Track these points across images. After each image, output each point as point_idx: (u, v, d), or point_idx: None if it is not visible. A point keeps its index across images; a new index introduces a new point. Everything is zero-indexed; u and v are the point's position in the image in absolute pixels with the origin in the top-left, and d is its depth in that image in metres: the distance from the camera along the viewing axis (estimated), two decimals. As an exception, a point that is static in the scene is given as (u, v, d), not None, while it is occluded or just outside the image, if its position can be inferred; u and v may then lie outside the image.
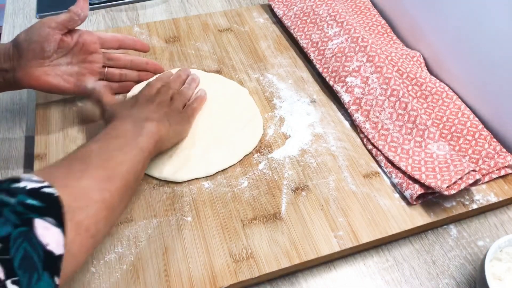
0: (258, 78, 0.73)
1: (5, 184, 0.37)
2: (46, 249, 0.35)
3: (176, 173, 0.59)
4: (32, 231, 0.35)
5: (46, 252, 0.35)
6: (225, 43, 0.79)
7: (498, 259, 0.49)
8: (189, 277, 0.50)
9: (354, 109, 0.67)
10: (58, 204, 0.38)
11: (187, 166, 0.59)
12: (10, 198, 0.35)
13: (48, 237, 0.35)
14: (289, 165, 0.61)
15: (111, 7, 0.89)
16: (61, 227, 0.37)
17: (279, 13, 0.82)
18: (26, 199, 0.36)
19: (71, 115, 0.66)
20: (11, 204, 0.35)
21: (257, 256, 0.52)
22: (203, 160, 0.60)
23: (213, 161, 0.60)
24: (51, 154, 0.61)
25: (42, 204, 0.36)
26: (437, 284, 0.52)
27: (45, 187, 0.38)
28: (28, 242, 0.34)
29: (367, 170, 0.61)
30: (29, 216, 0.35)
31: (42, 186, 0.38)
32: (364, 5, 0.84)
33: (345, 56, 0.71)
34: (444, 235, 0.57)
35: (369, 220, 0.55)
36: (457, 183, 0.55)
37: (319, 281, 0.52)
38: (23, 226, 0.34)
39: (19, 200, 0.36)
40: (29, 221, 0.35)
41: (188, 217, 0.55)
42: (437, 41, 0.72)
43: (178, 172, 0.59)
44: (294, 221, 0.55)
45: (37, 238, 0.35)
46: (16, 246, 0.33)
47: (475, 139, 0.63)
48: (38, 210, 0.36)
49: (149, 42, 0.78)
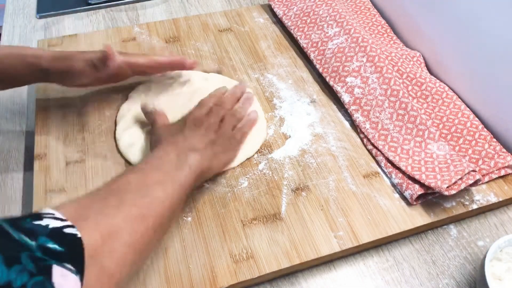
0: (258, 78, 0.73)
1: (26, 221, 0.36)
2: None
3: None
4: (49, 281, 0.33)
5: None
6: (225, 43, 0.79)
7: (498, 259, 0.49)
8: (189, 277, 0.50)
9: (354, 109, 0.67)
10: (80, 248, 0.36)
11: None
12: (30, 240, 0.34)
13: (65, 286, 0.34)
14: (289, 165, 0.61)
15: (111, 7, 0.89)
16: (79, 275, 0.35)
17: (279, 13, 0.82)
18: (47, 243, 0.35)
19: (71, 115, 0.66)
20: (31, 248, 0.34)
21: (257, 256, 0.52)
22: None
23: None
24: (51, 154, 0.61)
25: (63, 248, 0.35)
26: (437, 284, 0.52)
27: (67, 226, 0.37)
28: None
29: (367, 170, 0.61)
30: (47, 263, 0.34)
31: (65, 226, 0.37)
32: (364, 5, 0.84)
33: (345, 56, 0.71)
34: (444, 235, 0.57)
35: (369, 220, 0.55)
36: (457, 183, 0.55)
37: (319, 281, 0.52)
38: (40, 275, 0.33)
39: (39, 243, 0.34)
40: (47, 269, 0.34)
41: (188, 217, 0.55)
42: (437, 41, 0.72)
43: None
44: (294, 221, 0.55)
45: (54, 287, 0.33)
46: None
47: (475, 139, 0.63)
48: (58, 255, 0.35)
49: (149, 42, 0.78)
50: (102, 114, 0.66)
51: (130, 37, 0.79)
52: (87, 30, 0.83)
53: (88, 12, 0.87)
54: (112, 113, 0.67)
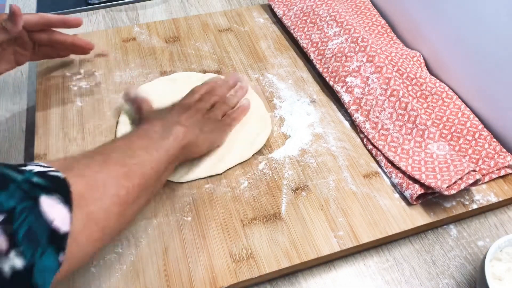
0: (258, 78, 0.73)
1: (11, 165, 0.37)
2: (51, 226, 0.35)
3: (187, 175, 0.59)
4: (38, 207, 0.34)
5: (51, 229, 0.35)
6: (225, 43, 0.79)
7: (498, 259, 0.49)
8: (189, 277, 0.50)
9: (354, 109, 0.67)
10: (66, 185, 0.37)
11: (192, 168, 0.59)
12: (17, 174, 0.35)
13: (53, 213, 0.35)
14: (289, 165, 0.61)
15: (111, 7, 0.89)
16: (67, 205, 0.36)
17: (279, 13, 0.82)
18: (32, 177, 0.36)
19: (71, 115, 0.66)
20: (17, 180, 0.35)
21: (257, 256, 0.52)
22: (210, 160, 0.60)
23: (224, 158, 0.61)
24: (51, 154, 0.61)
25: (48, 183, 0.36)
26: (437, 284, 0.52)
27: (52, 171, 0.38)
28: (33, 217, 0.34)
29: (367, 170, 0.61)
30: (35, 193, 0.35)
31: (49, 170, 0.38)
32: (364, 5, 0.84)
33: (345, 56, 0.71)
34: (444, 235, 0.57)
35: (369, 220, 0.55)
36: (457, 183, 0.55)
37: (319, 281, 0.52)
38: (28, 201, 0.34)
39: (26, 177, 0.35)
40: (35, 197, 0.35)
41: (188, 217, 0.55)
42: (437, 41, 0.72)
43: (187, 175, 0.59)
44: (294, 221, 0.55)
45: (42, 214, 0.34)
46: (21, 220, 0.33)
47: (475, 139, 0.63)
48: (45, 188, 0.36)
49: (149, 42, 0.78)
50: (102, 114, 0.66)
51: (130, 37, 0.79)
52: (87, 30, 0.83)
53: (88, 12, 0.87)
54: (112, 113, 0.67)
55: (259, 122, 0.65)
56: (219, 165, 0.60)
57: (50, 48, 0.68)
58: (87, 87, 0.70)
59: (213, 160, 0.60)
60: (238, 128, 0.64)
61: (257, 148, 0.62)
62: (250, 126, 0.65)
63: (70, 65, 0.73)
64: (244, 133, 0.64)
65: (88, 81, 0.71)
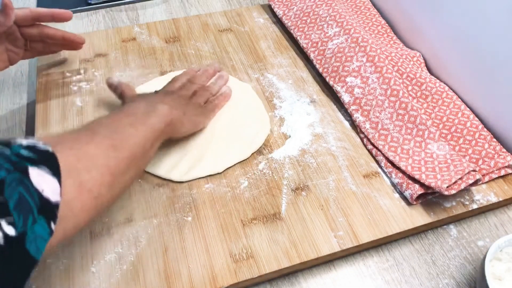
0: (258, 78, 0.73)
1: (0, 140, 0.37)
2: (41, 195, 0.35)
3: (186, 174, 0.59)
4: (27, 178, 0.34)
5: (42, 198, 0.35)
6: (225, 43, 0.79)
7: (498, 259, 0.49)
8: (189, 277, 0.50)
9: (354, 109, 0.67)
10: (54, 158, 0.38)
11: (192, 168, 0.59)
12: (5, 148, 0.35)
13: (43, 184, 0.35)
14: (289, 165, 0.61)
15: (111, 7, 0.89)
16: (56, 176, 0.37)
17: (279, 13, 0.82)
18: (20, 150, 0.36)
19: (71, 115, 0.66)
20: (5, 154, 0.35)
21: (257, 256, 0.52)
22: (210, 159, 0.60)
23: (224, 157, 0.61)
24: (51, 154, 0.61)
25: (37, 156, 0.36)
26: (437, 284, 0.52)
27: (40, 145, 0.38)
28: (23, 187, 0.34)
29: (367, 170, 0.61)
30: (23, 164, 0.35)
31: (37, 144, 0.38)
32: (364, 5, 0.84)
33: (345, 56, 0.71)
34: (444, 235, 0.57)
35: (369, 220, 0.55)
36: (457, 183, 0.55)
37: (319, 281, 0.52)
38: (17, 172, 0.34)
39: (14, 150, 0.36)
40: (24, 168, 0.35)
41: (188, 217, 0.55)
42: (437, 41, 0.72)
43: (187, 174, 0.59)
44: (294, 221, 0.55)
45: (32, 184, 0.35)
46: (11, 190, 0.33)
47: (475, 139, 0.63)
48: (33, 160, 0.36)
49: (149, 42, 0.78)
50: (102, 114, 0.66)
51: (130, 37, 0.79)
52: (87, 30, 0.83)
53: (88, 12, 0.87)
54: (112, 113, 0.67)
55: (258, 122, 0.65)
56: (218, 164, 0.60)
57: (41, 44, 0.68)
58: (87, 87, 0.70)
59: (212, 160, 0.60)
60: (237, 128, 0.64)
61: (256, 147, 0.62)
62: (249, 126, 0.65)
63: (70, 65, 0.73)
64: (243, 133, 0.64)
65: (88, 81, 0.71)
